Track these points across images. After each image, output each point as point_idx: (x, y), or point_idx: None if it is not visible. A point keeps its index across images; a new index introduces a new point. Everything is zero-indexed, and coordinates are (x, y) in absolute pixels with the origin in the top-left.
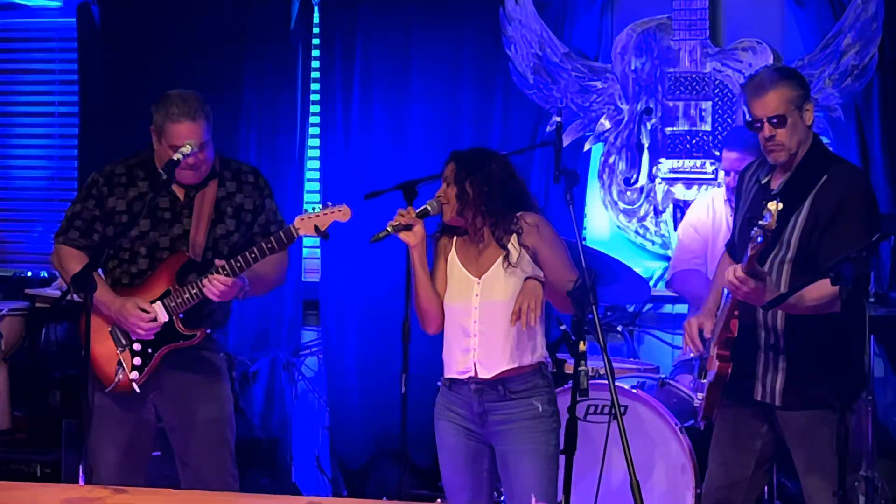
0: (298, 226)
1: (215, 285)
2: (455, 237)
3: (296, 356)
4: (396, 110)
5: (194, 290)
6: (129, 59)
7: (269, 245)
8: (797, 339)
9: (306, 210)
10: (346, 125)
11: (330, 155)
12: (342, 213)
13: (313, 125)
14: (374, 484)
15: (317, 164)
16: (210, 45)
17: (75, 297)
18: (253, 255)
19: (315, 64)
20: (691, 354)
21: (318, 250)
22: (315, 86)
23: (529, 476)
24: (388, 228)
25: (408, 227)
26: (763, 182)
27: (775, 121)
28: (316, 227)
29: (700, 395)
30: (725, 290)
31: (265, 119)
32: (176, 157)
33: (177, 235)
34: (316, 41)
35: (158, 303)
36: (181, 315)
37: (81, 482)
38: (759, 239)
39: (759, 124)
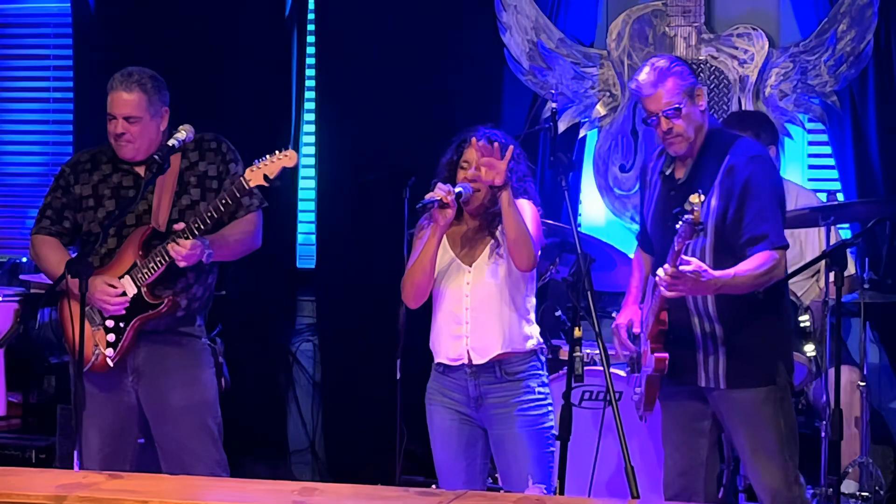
0: (249, 177)
1: (177, 250)
2: None
3: (291, 342)
4: (391, 96)
5: (158, 259)
6: (123, 43)
7: (224, 201)
8: (731, 321)
9: (255, 161)
10: (340, 111)
11: (325, 141)
12: (288, 158)
13: (308, 111)
14: (369, 470)
15: (312, 150)
16: (205, 31)
17: (69, 281)
18: (209, 213)
19: (310, 50)
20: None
21: (314, 236)
22: (310, 72)
23: (526, 458)
24: (439, 196)
25: (445, 206)
26: (667, 174)
27: (670, 112)
28: (265, 177)
29: (637, 390)
30: (654, 283)
31: (260, 106)
32: (171, 142)
33: (142, 212)
34: (311, 27)
35: (126, 276)
36: (151, 285)
37: (76, 468)
38: (686, 234)
39: (654, 119)
